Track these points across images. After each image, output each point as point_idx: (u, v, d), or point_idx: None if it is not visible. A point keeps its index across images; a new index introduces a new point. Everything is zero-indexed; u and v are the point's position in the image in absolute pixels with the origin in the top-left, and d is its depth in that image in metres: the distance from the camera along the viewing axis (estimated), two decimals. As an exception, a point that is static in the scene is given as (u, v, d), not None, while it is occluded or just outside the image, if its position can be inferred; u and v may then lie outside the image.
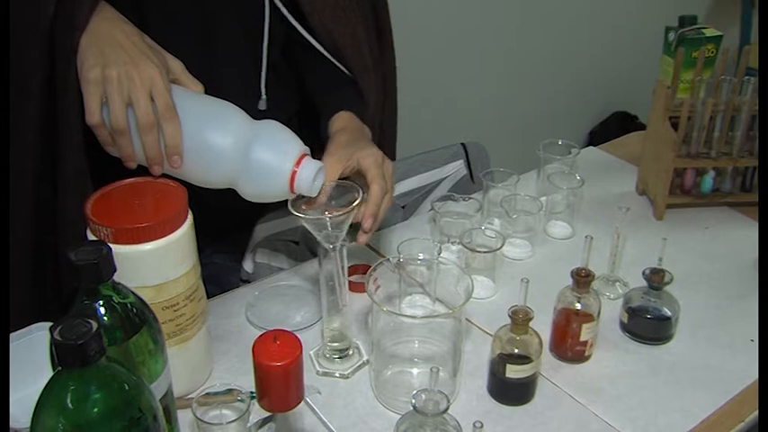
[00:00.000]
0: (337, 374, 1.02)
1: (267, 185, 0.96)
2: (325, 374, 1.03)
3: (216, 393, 0.89)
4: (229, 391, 0.90)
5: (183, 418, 0.91)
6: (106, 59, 0.92)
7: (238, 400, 0.87)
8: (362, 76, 1.24)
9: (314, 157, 0.98)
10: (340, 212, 0.93)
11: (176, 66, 1.00)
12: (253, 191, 0.97)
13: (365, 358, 1.04)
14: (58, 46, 0.95)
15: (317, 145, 1.08)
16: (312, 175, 0.94)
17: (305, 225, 0.94)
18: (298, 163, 0.95)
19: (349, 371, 1.03)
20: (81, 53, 0.94)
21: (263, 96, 1.19)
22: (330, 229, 0.93)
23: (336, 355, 1.04)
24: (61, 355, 0.61)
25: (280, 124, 0.98)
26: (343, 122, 1.13)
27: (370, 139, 1.13)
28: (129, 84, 0.90)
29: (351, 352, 1.04)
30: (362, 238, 0.99)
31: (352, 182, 0.99)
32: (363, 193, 0.96)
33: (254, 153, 0.94)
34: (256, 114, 0.99)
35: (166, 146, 0.93)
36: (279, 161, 0.94)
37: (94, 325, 0.61)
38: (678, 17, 1.39)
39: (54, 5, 0.95)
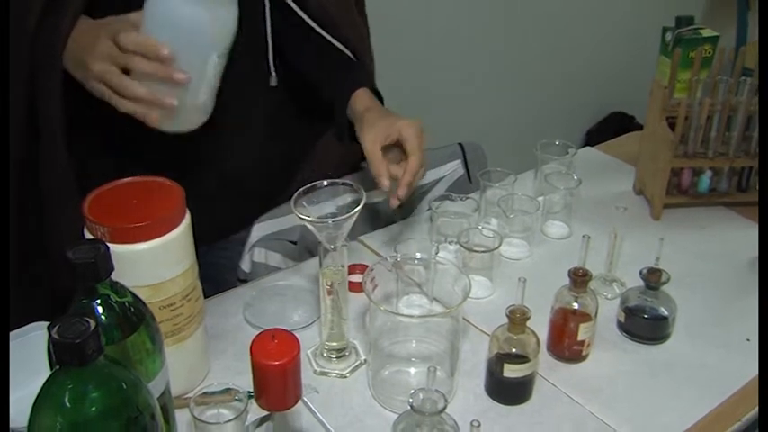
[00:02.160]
0: (335, 374, 1.02)
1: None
2: (322, 374, 1.03)
3: (213, 393, 0.89)
4: (227, 390, 0.90)
5: (181, 417, 0.91)
6: (86, 63, 0.98)
7: (236, 400, 0.87)
8: (360, 46, 1.30)
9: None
10: (343, 216, 0.93)
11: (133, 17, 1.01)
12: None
13: (363, 358, 1.04)
14: (42, 54, 1.02)
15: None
16: None
17: (307, 226, 0.94)
18: None
19: (347, 371, 1.03)
20: (68, 64, 1.02)
21: (273, 74, 1.25)
22: (332, 229, 0.93)
23: (334, 355, 1.04)
24: (59, 353, 0.61)
25: None
26: (366, 100, 1.20)
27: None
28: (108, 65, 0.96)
29: (348, 352, 1.04)
30: (394, 201, 1.11)
31: (356, 184, 1.00)
32: (365, 193, 0.96)
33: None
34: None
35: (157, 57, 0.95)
36: None
37: (92, 324, 0.61)
38: (675, 18, 1.39)
39: (37, 16, 1.01)
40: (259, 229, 1.27)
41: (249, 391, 0.83)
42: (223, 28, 0.98)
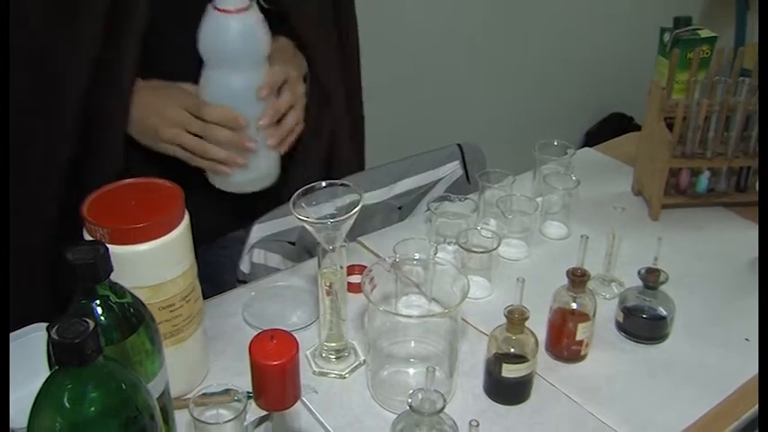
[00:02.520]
0: (334, 374, 1.03)
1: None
2: (321, 374, 1.03)
3: (213, 393, 0.90)
4: (226, 391, 0.90)
5: (180, 418, 0.91)
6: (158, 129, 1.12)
7: (235, 400, 0.88)
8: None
9: None
10: (342, 217, 0.93)
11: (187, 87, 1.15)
12: None
13: (362, 359, 1.05)
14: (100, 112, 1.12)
15: None
16: None
17: (306, 227, 0.94)
18: None
19: (346, 371, 1.03)
20: (132, 128, 1.14)
21: None
22: (330, 230, 0.94)
23: (333, 356, 1.04)
24: (58, 354, 0.61)
25: None
26: (280, 44, 1.24)
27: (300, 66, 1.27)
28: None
29: (347, 352, 1.05)
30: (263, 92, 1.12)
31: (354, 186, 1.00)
32: (362, 194, 0.97)
33: None
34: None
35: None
36: None
37: (91, 324, 0.61)
38: (673, 18, 1.39)
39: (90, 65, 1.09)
40: (258, 230, 1.27)
41: (248, 392, 0.83)
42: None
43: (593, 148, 1.68)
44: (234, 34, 1.06)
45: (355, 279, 1.13)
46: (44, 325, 0.93)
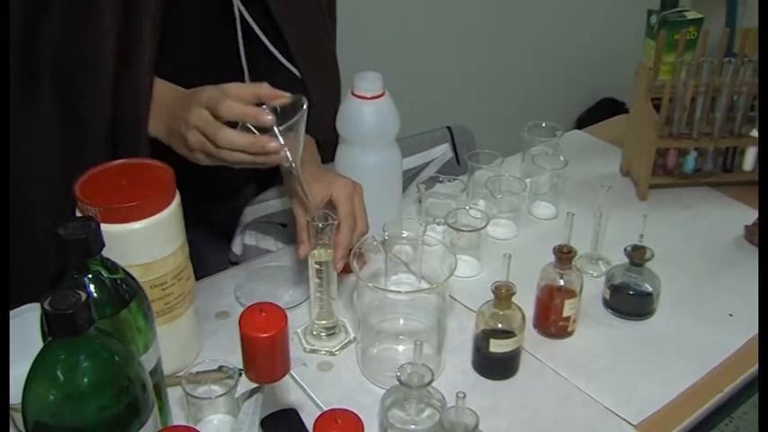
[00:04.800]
0: (324, 351, 1.04)
1: None
2: (312, 351, 1.04)
3: (205, 371, 0.91)
4: (219, 368, 0.92)
5: (173, 394, 0.92)
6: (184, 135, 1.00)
7: (227, 377, 0.89)
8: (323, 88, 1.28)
9: None
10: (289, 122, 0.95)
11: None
12: None
13: (352, 336, 1.06)
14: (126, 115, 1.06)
15: None
16: None
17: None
18: None
19: (336, 348, 1.05)
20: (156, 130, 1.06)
21: None
22: (281, 139, 0.95)
23: (323, 333, 1.05)
24: (51, 325, 0.63)
25: None
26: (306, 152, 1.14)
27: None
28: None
29: (338, 330, 1.06)
30: (338, 264, 1.02)
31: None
32: (306, 101, 0.98)
33: None
34: None
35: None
36: None
37: (83, 295, 0.63)
38: (660, 0, 1.40)
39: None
40: (250, 212, 1.28)
41: (240, 369, 0.84)
42: None
43: (582, 130, 1.70)
44: (368, 117, 1.14)
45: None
46: (38, 305, 0.94)
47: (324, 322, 1.05)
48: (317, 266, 1.01)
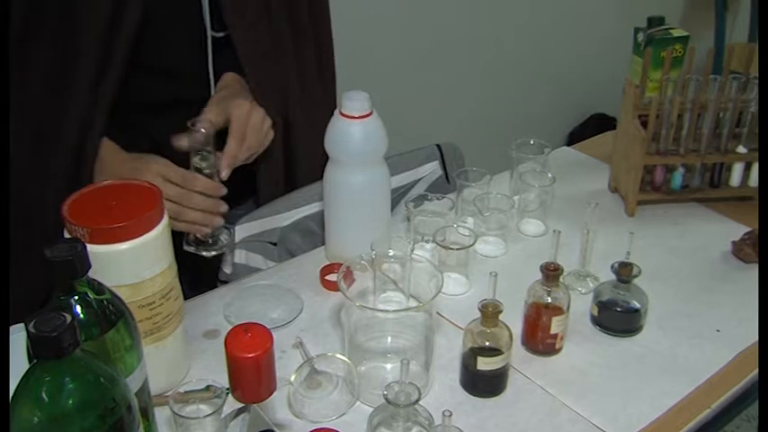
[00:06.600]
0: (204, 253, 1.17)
1: None
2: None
3: (193, 390, 0.91)
4: (206, 387, 0.92)
5: (161, 414, 0.92)
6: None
7: (216, 396, 0.89)
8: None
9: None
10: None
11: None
12: None
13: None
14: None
15: None
16: None
17: None
18: None
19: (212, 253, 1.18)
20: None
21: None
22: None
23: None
24: (36, 347, 0.63)
25: None
26: (225, 81, 1.26)
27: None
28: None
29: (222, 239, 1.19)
30: (223, 173, 1.14)
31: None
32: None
33: None
34: None
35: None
36: None
37: (68, 317, 0.63)
38: (647, 18, 1.42)
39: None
40: (240, 231, 1.29)
41: (227, 389, 0.84)
42: None
43: (571, 146, 1.70)
44: (356, 137, 1.16)
45: (334, 277, 1.15)
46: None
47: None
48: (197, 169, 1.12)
